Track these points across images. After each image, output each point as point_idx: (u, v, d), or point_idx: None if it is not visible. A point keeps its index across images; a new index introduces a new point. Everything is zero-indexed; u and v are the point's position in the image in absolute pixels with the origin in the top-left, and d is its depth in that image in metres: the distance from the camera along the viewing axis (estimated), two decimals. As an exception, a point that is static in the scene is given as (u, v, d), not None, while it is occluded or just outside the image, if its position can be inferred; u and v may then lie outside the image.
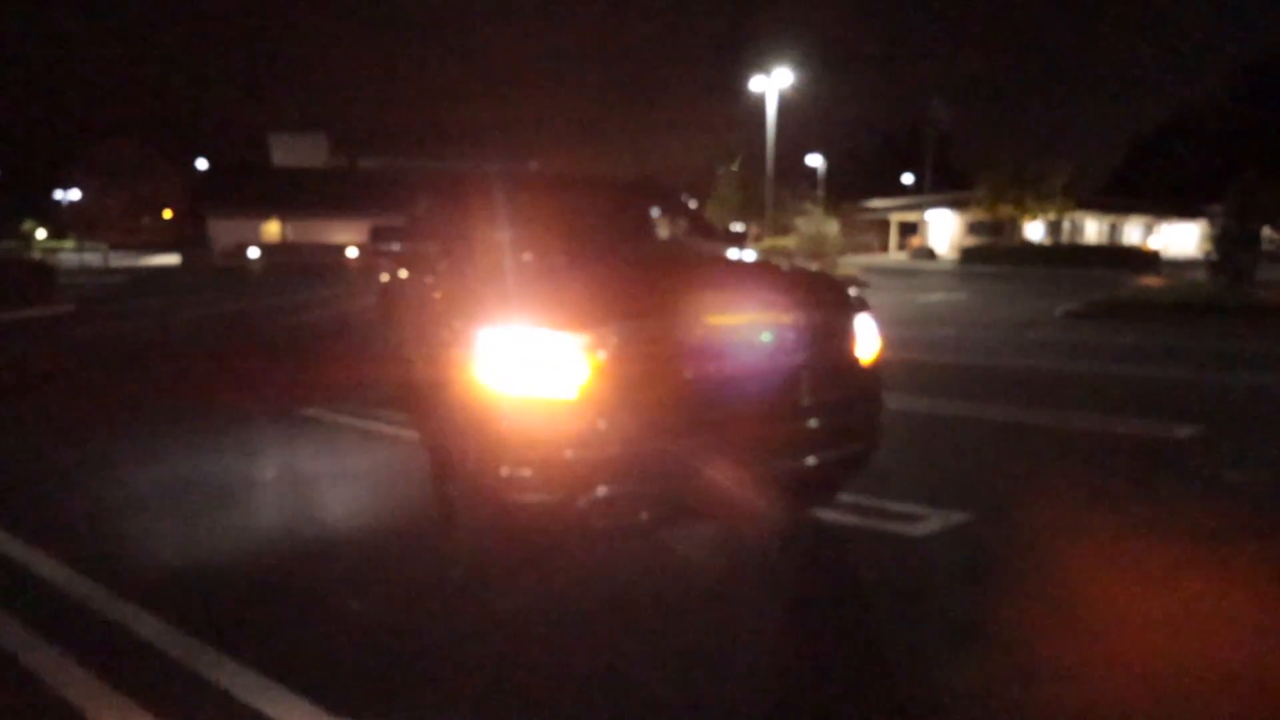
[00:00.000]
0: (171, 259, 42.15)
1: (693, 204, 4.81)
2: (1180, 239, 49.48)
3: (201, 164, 49.54)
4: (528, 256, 3.39)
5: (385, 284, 5.85)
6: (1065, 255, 34.47)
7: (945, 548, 3.38)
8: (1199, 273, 18.40)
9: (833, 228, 20.77)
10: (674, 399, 2.69)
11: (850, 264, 22.38)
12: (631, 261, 3.24)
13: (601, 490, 2.60)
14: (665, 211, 4.73)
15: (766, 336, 2.88)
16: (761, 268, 3.53)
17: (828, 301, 3.13)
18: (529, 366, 2.59)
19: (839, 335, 3.07)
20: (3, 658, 2.53)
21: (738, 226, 4.64)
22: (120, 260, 42.77)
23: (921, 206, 46.43)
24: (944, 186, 46.16)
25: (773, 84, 25.62)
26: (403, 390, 4.83)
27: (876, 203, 50.64)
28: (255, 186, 43.42)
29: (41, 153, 57.51)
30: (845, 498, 3.73)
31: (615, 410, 2.60)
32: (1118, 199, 49.31)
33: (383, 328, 5.87)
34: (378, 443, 5.12)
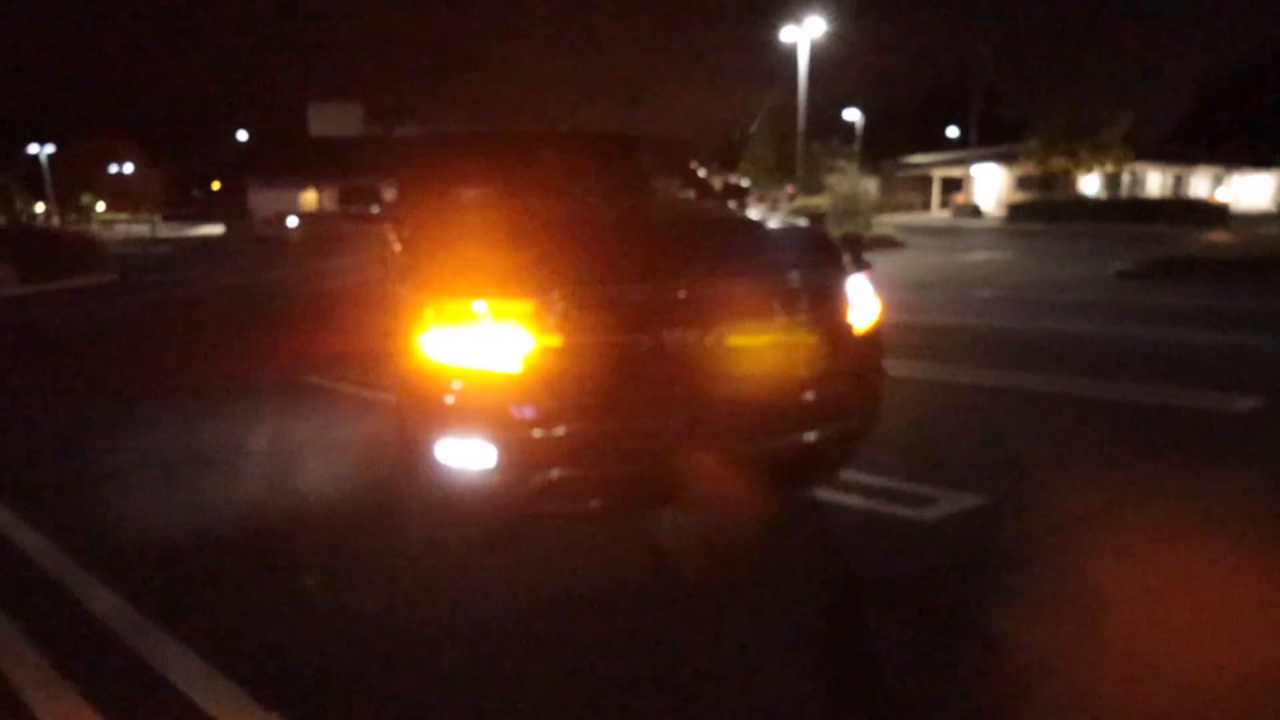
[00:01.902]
0: (216, 229, 43.12)
1: (692, 161, 4.45)
2: (1253, 191, 46.34)
3: (242, 135, 50.22)
4: (489, 219, 3.11)
5: (383, 249, 5.66)
6: (1124, 210, 32.49)
7: (956, 535, 3.05)
8: (1272, 227, 17.10)
9: (869, 185, 19.86)
10: (637, 372, 2.40)
11: (888, 223, 21.43)
12: (603, 222, 2.94)
13: (552, 473, 2.35)
14: (660, 168, 4.40)
15: (747, 301, 2.56)
16: (748, 225, 3.19)
17: (819, 262, 2.78)
18: (470, 336, 2.34)
19: (832, 299, 2.73)
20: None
21: (741, 181, 4.27)
22: (169, 231, 43.90)
23: (966, 161, 44.39)
24: (991, 141, 43.99)
25: (805, 34, 24.47)
26: (383, 359, 4.67)
27: (918, 158, 48.63)
28: (293, 157, 43.86)
29: (96, 128, 58.96)
30: (851, 476, 3.42)
31: (567, 385, 2.34)
32: (1183, 148, 46.25)
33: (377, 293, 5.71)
34: (365, 411, 4.98)
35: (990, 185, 44.60)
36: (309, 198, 42.65)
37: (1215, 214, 30.21)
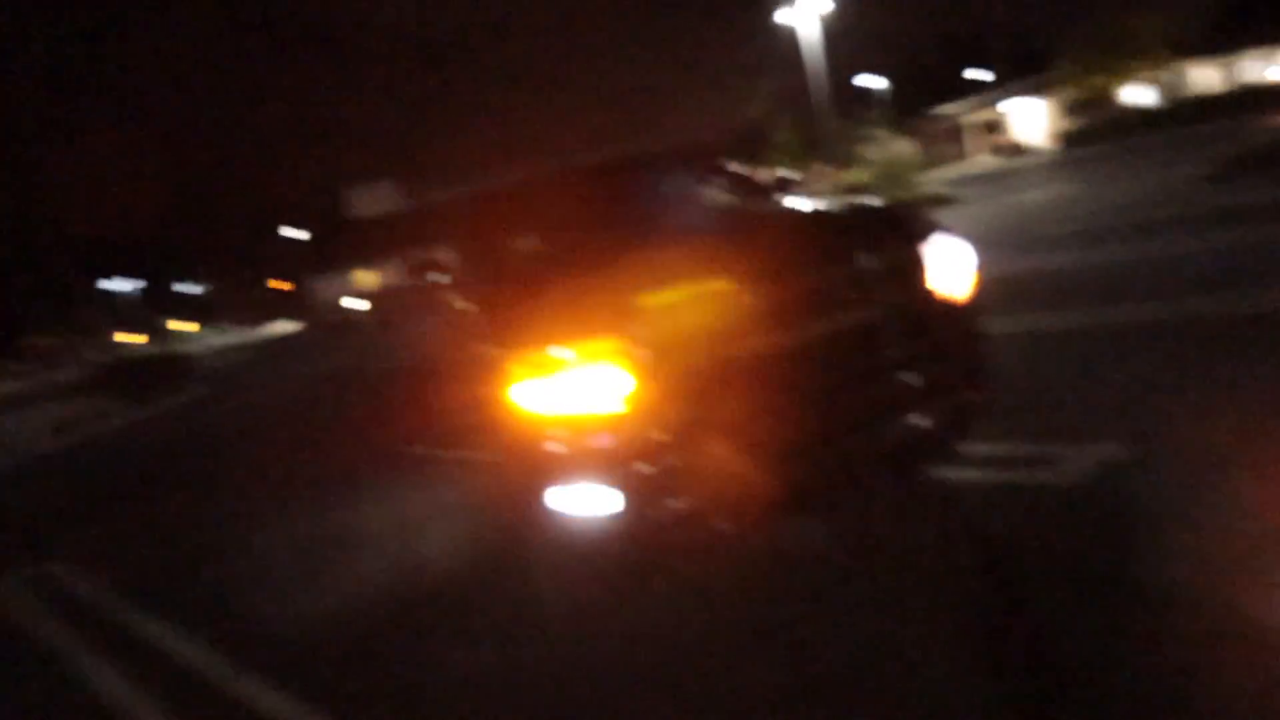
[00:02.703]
0: (288, 325, 45.35)
1: (729, 162, 4.41)
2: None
3: (285, 232, 52.97)
4: (551, 263, 3.15)
5: (450, 315, 5.80)
6: (1177, 114, 30.64)
7: (1096, 493, 2.86)
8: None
9: (905, 147, 19.34)
10: (739, 384, 2.36)
11: (932, 180, 20.79)
12: (667, 242, 2.92)
13: (672, 503, 2.32)
14: (700, 177, 4.36)
15: (831, 293, 2.50)
16: (810, 217, 3.12)
17: (894, 235, 2.70)
18: (561, 383, 2.34)
19: (915, 271, 2.64)
20: None
21: (785, 173, 4.19)
22: (245, 336, 46.36)
23: (998, 100, 42.69)
24: (1021, 75, 42.18)
25: (803, 13, 24.20)
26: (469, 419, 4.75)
27: (947, 108, 47.02)
28: (341, 242, 45.89)
29: (162, 254, 63.33)
30: (968, 448, 3.26)
31: (670, 412, 2.31)
32: (1224, 36, 43.23)
33: (454, 355, 5.83)
34: (467, 473, 5.07)
35: (1031, 119, 42.70)
36: (363, 278, 44.45)
37: (1272, 96, 28.06)
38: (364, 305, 35.74)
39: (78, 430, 13.88)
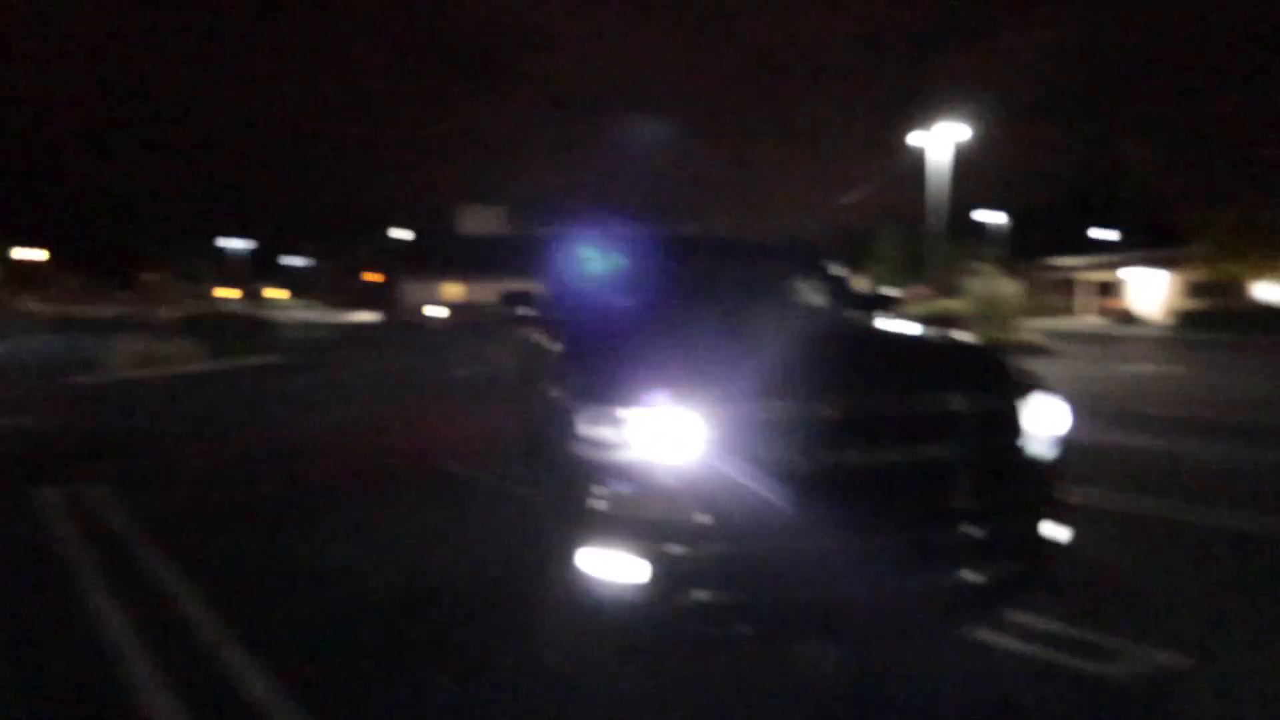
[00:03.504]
0: (371, 315, 47.38)
1: (837, 268, 4.40)
2: None
3: (396, 233, 55.87)
4: (644, 323, 3.17)
5: (524, 345, 5.92)
6: (1312, 320, 28.84)
7: (1141, 697, 2.60)
8: None
9: (1010, 288, 18.89)
10: (795, 493, 2.28)
11: (1032, 328, 20.15)
12: (756, 331, 2.91)
13: (698, 594, 2.23)
14: (806, 275, 4.36)
15: (914, 422, 2.41)
16: (908, 340, 3.05)
17: (988, 381, 2.59)
18: (624, 445, 2.32)
19: (1004, 423, 2.52)
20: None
21: (890, 290, 4.13)
22: (332, 316, 48.65)
23: (1118, 264, 41.47)
24: (1144, 243, 40.99)
25: (936, 137, 24.38)
26: (526, 453, 4.76)
27: (1064, 260, 45.97)
28: (441, 252, 48.06)
29: (275, 225, 67.89)
30: (1021, 618, 3.05)
31: (721, 501, 2.25)
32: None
33: (520, 389, 5.92)
34: (499, 503, 5.07)
35: (1149, 290, 41.24)
36: (452, 289, 46.22)
37: None
38: (443, 314, 37.06)
39: (158, 365, 14.70)
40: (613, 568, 2.31)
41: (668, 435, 2.28)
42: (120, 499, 5.13)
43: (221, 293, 60.45)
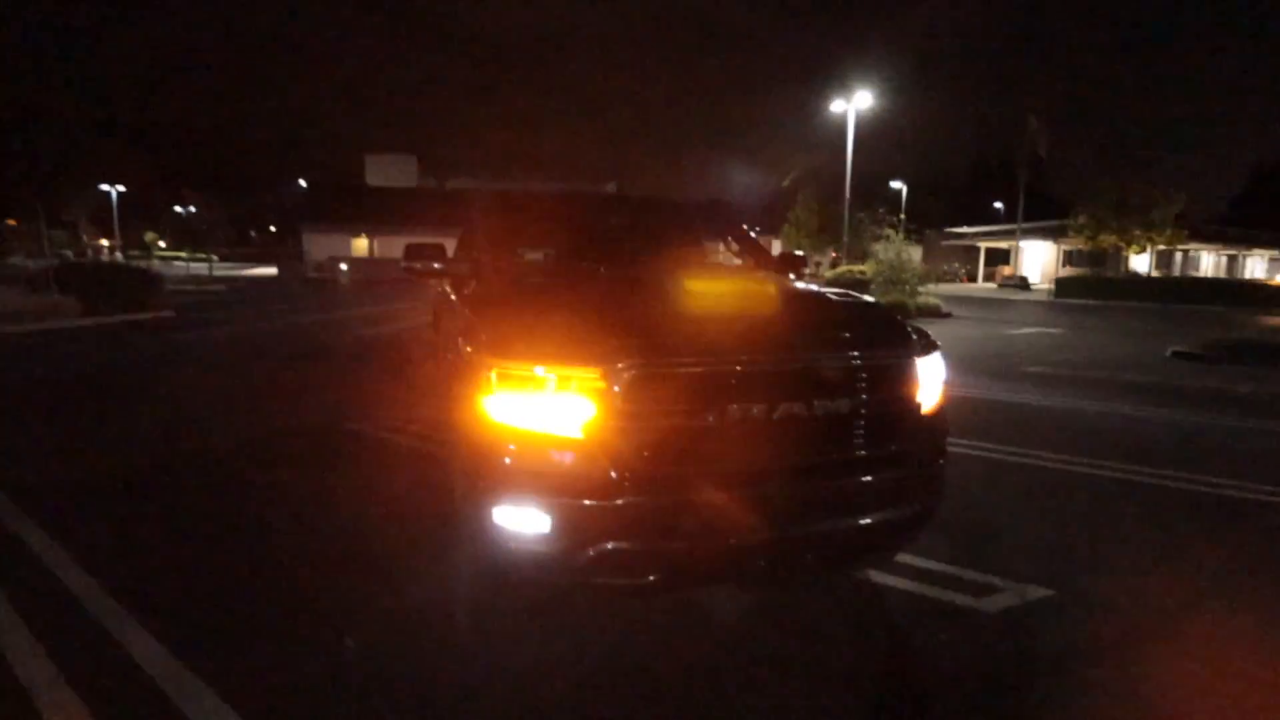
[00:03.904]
0: (270, 270, 44.73)
1: (748, 229, 4.48)
2: (1311, 275, 45.05)
3: (301, 183, 52.59)
4: (554, 282, 3.15)
5: (435, 301, 5.77)
6: (1177, 289, 31.81)
7: (1017, 628, 2.89)
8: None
9: (914, 254, 19.80)
10: (700, 446, 2.36)
11: (932, 293, 21.26)
12: (668, 293, 2.94)
13: (608, 544, 2.29)
14: (720, 235, 4.42)
15: (812, 378, 2.51)
16: (811, 299, 3.16)
17: (885, 339, 2.73)
18: (531, 402, 2.33)
19: (897, 378, 2.67)
20: None
21: (796, 252, 4.25)
22: (225, 270, 45.64)
23: (1013, 234, 44.12)
24: (1037, 215, 43.68)
25: (852, 105, 24.99)
26: (436, 411, 4.69)
27: (964, 230, 48.53)
28: (348, 205, 45.62)
29: (162, 167, 62.36)
30: (906, 559, 3.30)
31: (629, 455, 2.30)
32: (1241, 230, 45.29)
33: (430, 345, 5.79)
34: (404, 460, 4.99)
35: (1037, 259, 44.20)
36: (360, 245, 44.14)
37: (1273, 296, 29.42)
38: (346, 269, 35.39)
39: (26, 320, 13.44)
40: (522, 522, 2.33)
41: (574, 391, 2.29)
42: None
43: (101, 241, 55.34)
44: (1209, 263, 43.63)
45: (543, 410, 2.32)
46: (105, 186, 54.28)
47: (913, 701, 2.50)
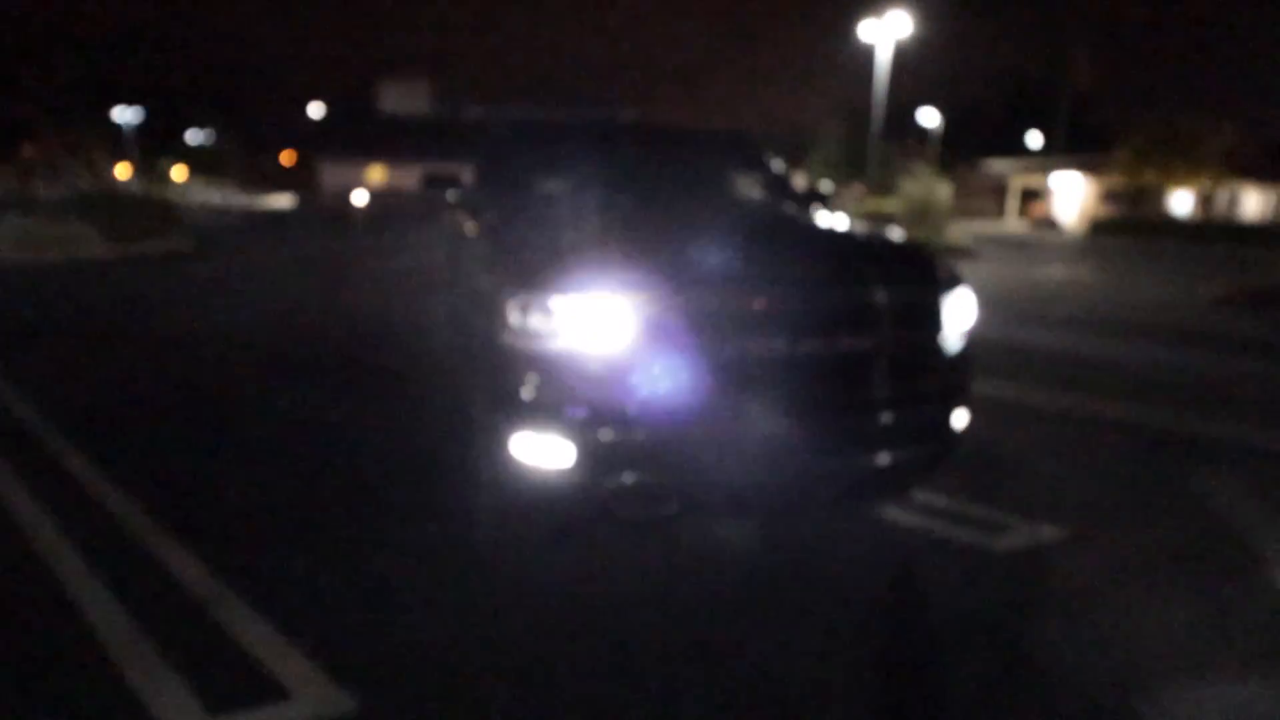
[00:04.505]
0: (285, 201, 44.56)
1: (776, 162, 4.33)
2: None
3: (315, 109, 51.65)
4: (576, 211, 3.08)
5: (452, 233, 5.71)
6: (1218, 233, 30.51)
7: (1026, 567, 2.90)
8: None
9: (943, 190, 19.21)
10: (721, 380, 2.34)
11: (961, 231, 20.72)
12: (694, 224, 2.87)
13: (628, 476, 2.30)
14: (744, 167, 4.28)
15: (837, 314, 2.46)
16: (838, 235, 3.07)
17: (912, 276, 2.66)
18: (553, 333, 2.30)
19: (924, 316, 2.61)
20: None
21: (825, 186, 4.11)
22: (240, 200, 45.60)
23: (1048, 169, 42.42)
24: (1077, 149, 41.84)
25: (885, 31, 23.73)
26: (454, 342, 4.70)
27: (996, 164, 46.74)
28: (362, 131, 44.95)
29: (175, 95, 61.34)
30: (923, 496, 3.30)
31: (649, 388, 2.28)
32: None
33: (448, 277, 5.76)
34: (419, 391, 5.03)
35: (1072, 197, 42.56)
36: (376, 174, 43.71)
37: (1318, 241, 28.18)
38: (365, 200, 35.06)
39: (47, 249, 13.56)
40: (543, 453, 2.34)
41: (597, 322, 2.26)
42: (27, 396, 4.85)
43: (120, 171, 55.16)
44: (1256, 204, 41.66)
45: (564, 340, 2.30)
46: (122, 111, 53.78)
47: (901, 632, 2.54)
